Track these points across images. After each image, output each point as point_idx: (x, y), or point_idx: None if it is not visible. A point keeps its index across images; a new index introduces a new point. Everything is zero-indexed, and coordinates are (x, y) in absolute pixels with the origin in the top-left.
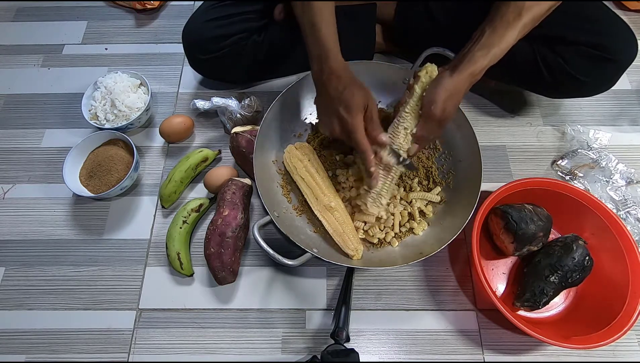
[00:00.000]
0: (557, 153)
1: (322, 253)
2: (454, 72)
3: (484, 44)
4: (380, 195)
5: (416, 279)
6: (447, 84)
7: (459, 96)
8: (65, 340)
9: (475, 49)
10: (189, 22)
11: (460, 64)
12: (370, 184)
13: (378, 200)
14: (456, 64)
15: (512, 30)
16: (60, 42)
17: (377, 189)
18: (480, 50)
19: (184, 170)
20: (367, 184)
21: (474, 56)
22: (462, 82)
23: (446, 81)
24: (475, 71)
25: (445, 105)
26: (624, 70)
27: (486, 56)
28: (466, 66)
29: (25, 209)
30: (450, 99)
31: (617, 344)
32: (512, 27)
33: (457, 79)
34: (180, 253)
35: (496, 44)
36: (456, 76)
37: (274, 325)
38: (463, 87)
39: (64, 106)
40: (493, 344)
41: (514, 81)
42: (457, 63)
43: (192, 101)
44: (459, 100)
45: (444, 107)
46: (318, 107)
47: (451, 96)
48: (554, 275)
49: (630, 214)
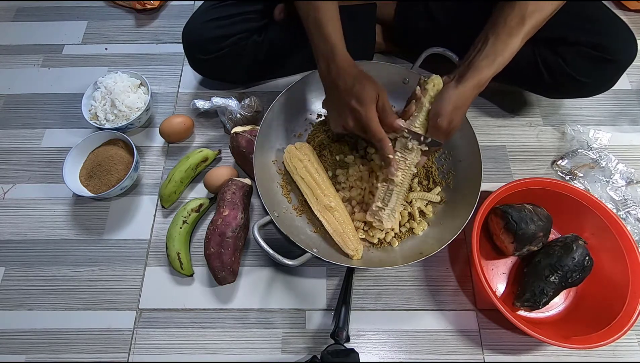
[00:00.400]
0: (557, 153)
1: (322, 253)
2: (459, 83)
3: (488, 53)
4: (394, 210)
5: (416, 279)
6: (453, 96)
7: (465, 107)
8: (65, 340)
9: (480, 59)
10: (189, 22)
11: (465, 75)
12: (390, 173)
13: (392, 215)
14: (461, 75)
15: (515, 37)
16: (60, 42)
17: (392, 204)
18: (485, 59)
19: (184, 170)
20: (386, 174)
21: (478, 66)
22: (467, 93)
23: (452, 93)
24: (480, 81)
25: (451, 117)
26: (624, 70)
27: (491, 66)
28: (471, 76)
29: (25, 209)
30: (456, 111)
31: (617, 344)
32: (515, 34)
33: (463, 90)
34: (180, 253)
35: (500, 53)
36: (462, 87)
37: (274, 325)
38: (469, 98)
39: (64, 106)
40: (493, 344)
41: (514, 82)
42: (463, 73)
43: (192, 101)
44: (464, 111)
45: (450, 119)
46: (328, 106)
47: (457, 107)
48: (554, 275)
49: (630, 214)
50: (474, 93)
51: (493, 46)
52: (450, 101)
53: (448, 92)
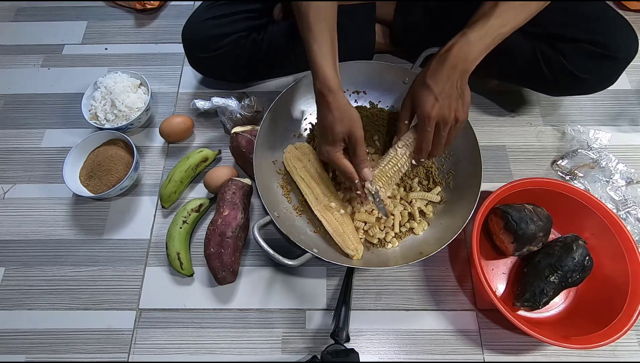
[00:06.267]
0: (557, 153)
1: (322, 253)
2: (426, 73)
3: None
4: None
5: (416, 279)
6: (425, 86)
7: (451, 89)
8: (65, 340)
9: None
10: (189, 20)
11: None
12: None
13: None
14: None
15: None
16: (60, 42)
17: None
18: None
19: (184, 170)
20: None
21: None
22: (441, 76)
23: (423, 84)
24: (454, 55)
25: (435, 109)
26: (624, 68)
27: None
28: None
29: (25, 209)
30: (438, 99)
31: (617, 344)
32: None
33: (434, 75)
34: (180, 253)
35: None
36: (431, 72)
37: (274, 325)
38: (447, 78)
39: (64, 106)
40: (493, 344)
41: (514, 79)
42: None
43: (192, 101)
44: (446, 90)
45: (437, 112)
46: (317, 126)
47: (436, 93)
48: (554, 275)
49: (630, 214)
50: (453, 72)
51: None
52: (426, 94)
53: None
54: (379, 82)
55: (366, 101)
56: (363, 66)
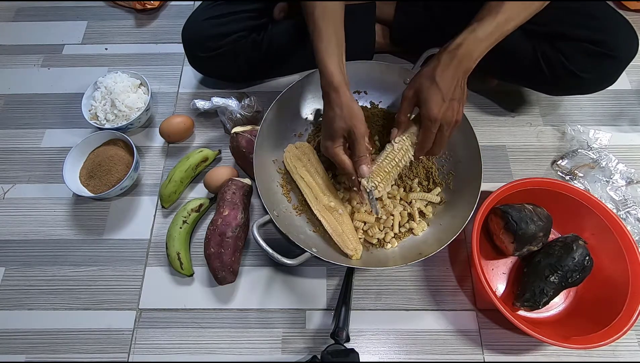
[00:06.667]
0: (557, 153)
1: (321, 253)
2: (436, 70)
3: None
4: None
5: (416, 279)
6: (434, 85)
7: (456, 90)
8: (65, 340)
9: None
10: (189, 19)
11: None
12: (361, 202)
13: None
14: (434, 62)
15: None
16: (60, 42)
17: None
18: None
19: (184, 170)
20: (357, 202)
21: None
22: (448, 75)
23: (432, 82)
24: (463, 53)
25: (442, 111)
26: (624, 67)
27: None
28: (450, 55)
29: (25, 209)
30: (445, 100)
31: (617, 344)
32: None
33: (443, 74)
34: (180, 253)
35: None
36: (441, 70)
37: (274, 325)
38: (453, 77)
39: (64, 106)
40: (493, 344)
41: (514, 78)
42: (435, 61)
43: (192, 101)
44: (452, 91)
45: (443, 115)
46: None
47: (444, 94)
48: (554, 275)
49: (630, 214)
50: (456, 70)
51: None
52: (433, 93)
53: (427, 85)
54: (380, 82)
55: (367, 101)
56: (363, 66)
